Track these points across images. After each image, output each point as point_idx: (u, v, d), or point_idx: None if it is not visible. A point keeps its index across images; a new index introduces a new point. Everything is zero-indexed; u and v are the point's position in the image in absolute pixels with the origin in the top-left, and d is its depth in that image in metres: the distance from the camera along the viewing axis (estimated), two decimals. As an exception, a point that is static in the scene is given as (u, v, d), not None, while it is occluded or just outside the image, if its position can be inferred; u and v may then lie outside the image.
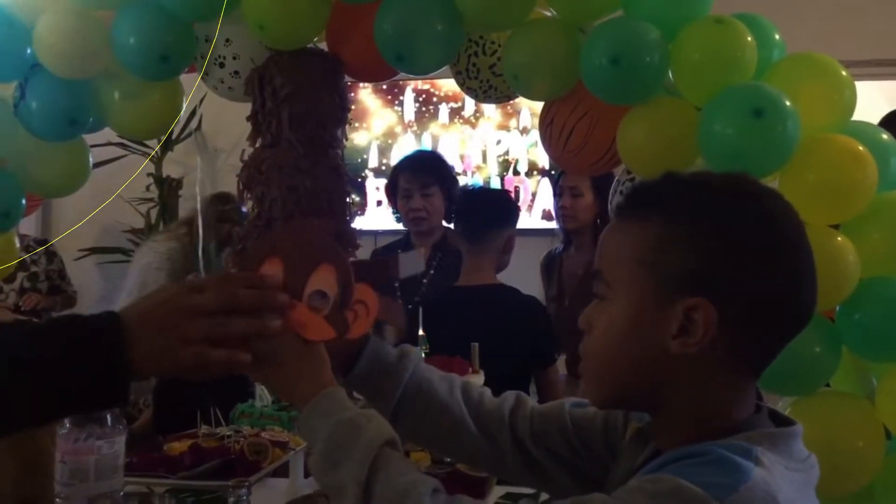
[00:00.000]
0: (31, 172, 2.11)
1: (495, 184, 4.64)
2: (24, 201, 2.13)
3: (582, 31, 1.79)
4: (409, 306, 2.73)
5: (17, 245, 2.30)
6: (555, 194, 3.14)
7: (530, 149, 4.67)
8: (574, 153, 1.84)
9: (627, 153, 1.75)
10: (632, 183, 1.79)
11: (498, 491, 1.88)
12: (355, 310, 1.04)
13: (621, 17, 1.75)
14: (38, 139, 2.06)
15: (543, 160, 4.60)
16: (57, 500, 1.34)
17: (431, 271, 2.87)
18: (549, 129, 1.87)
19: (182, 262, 3.30)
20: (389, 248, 3.07)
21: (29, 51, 1.96)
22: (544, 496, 1.88)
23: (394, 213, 3.10)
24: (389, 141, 4.84)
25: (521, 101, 4.11)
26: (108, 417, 1.37)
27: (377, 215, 4.70)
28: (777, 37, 1.75)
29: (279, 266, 1.03)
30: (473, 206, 2.61)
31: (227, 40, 2.02)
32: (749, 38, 1.64)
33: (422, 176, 2.91)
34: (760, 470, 0.78)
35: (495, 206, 2.62)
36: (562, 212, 3.03)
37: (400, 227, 3.14)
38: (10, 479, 1.48)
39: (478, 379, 2.00)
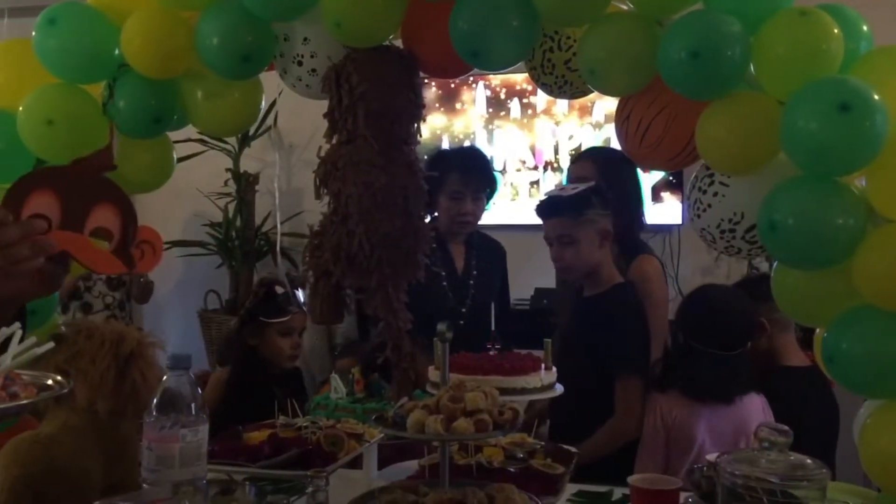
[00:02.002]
0: (119, 169, 2.19)
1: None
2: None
3: (660, 25, 1.76)
4: (462, 310, 2.75)
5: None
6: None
7: (603, 143, 4.62)
8: (651, 149, 1.82)
9: (707, 149, 1.72)
10: (710, 179, 1.76)
11: (570, 488, 1.87)
12: (142, 248, 1.13)
13: (701, 10, 1.72)
14: (125, 137, 2.13)
15: (617, 155, 4.55)
16: (144, 485, 1.38)
17: (475, 272, 2.83)
18: (626, 124, 1.85)
19: None
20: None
21: (117, 51, 2.03)
22: (617, 494, 1.87)
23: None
24: (460, 135, 4.85)
25: (595, 94, 4.06)
26: (192, 407, 1.41)
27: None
28: (864, 28, 1.70)
29: (55, 198, 1.09)
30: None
31: (305, 39, 2.05)
32: (835, 30, 1.59)
33: (476, 180, 2.81)
34: None
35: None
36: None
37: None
38: (99, 466, 1.54)
39: (550, 376, 1.99)
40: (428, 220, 2.28)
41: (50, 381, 0.90)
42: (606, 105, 4.52)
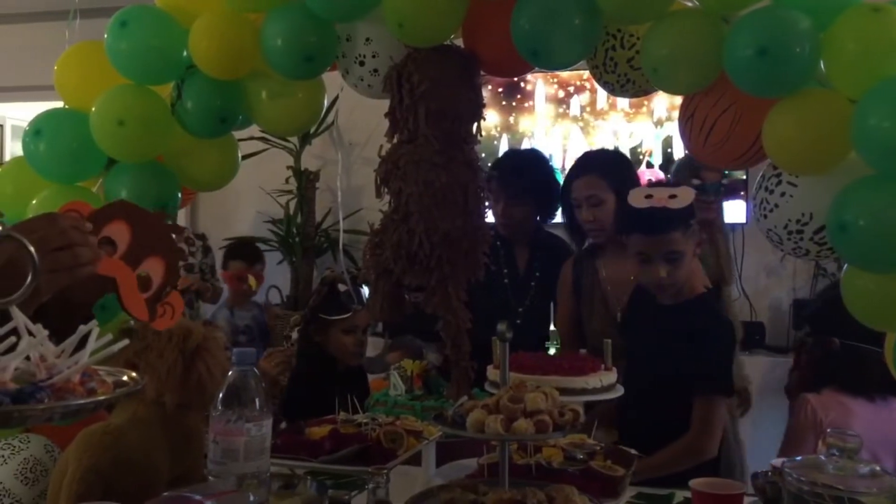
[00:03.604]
0: (186, 168, 2.25)
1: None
2: (179, 195, 2.26)
3: (726, 22, 1.73)
4: (520, 310, 2.72)
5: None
6: (565, 207, 2.70)
7: (664, 141, 4.56)
8: (715, 148, 1.79)
9: (774, 148, 1.68)
10: (778, 179, 1.72)
11: (631, 490, 1.86)
12: (164, 307, 1.24)
13: (769, 6, 1.68)
14: (191, 136, 2.18)
15: (679, 152, 4.48)
16: (210, 477, 1.41)
17: (537, 273, 2.80)
18: (690, 123, 1.82)
19: None
20: None
21: (185, 53, 2.08)
22: (678, 498, 1.85)
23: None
24: (518, 134, 4.83)
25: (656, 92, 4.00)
26: (257, 402, 1.44)
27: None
28: (940, 23, 1.64)
29: (128, 232, 1.22)
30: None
31: (367, 39, 2.07)
32: (909, 26, 1.54)
33: (509, 184, 2.75)
34: None
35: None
36: (587, 226, 2.61)
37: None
38: (166, 458, 1.58)
39: (610, 377, 1.97)
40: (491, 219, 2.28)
41: (125, 378, 0.93)
42: (666, 101, 4.46)
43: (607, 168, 2.62)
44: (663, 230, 2.14)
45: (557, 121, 4.77)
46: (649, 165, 4.60)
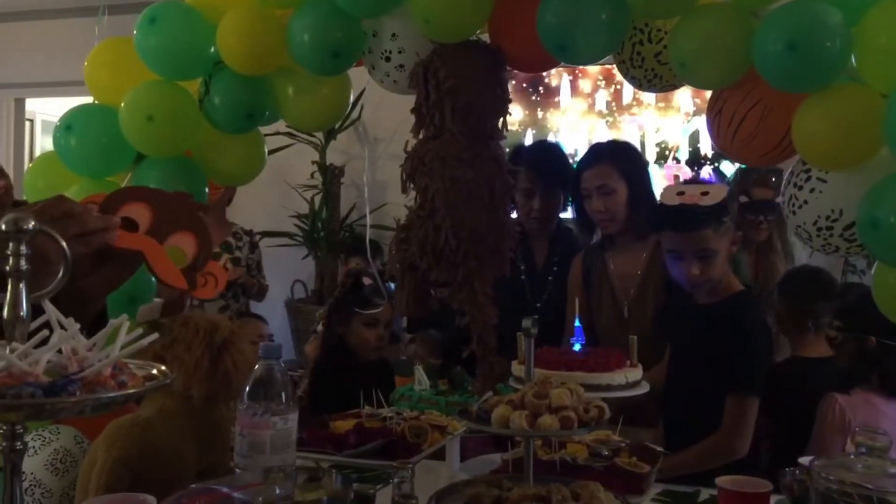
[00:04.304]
0: (213, 162, 2.26)
1: (654, 172, 4.53)
2: (207, 189, 2.28)
3: (755, 16, 1.71)
4: (538, 305, 2.71)
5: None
6: (575, 197, 2.66)
7: (691, 136, 4.53)
8: (744, 144, 1.77)
9: (804, 144, 1.67)
10: (807, 174, 1.71)
11: (656, 487, 1.85)
12: (206, 277, 1.25)
13: (798, 0, 1.66)
14: (219, 131, 2.20)
15: (706, 148, 4.45)
16: (236, 470, 1.43)
17: (555, 268, 2.79)
18: (718, 118, 1.81)
19: None
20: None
21: (213, 49, 2.10)
22: (704, 495, 1.84)
23: None
24: (543, 129, 4.82)
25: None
26: (283, 395, 1.45)
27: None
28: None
29: (149, 211, 1.22)
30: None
31: (394, 35, 2.07)
32: (944, 19, 1.52)
33: (547, 174, 2.74)
34: None
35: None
36: (597, 217, 2.57)
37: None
38: (193, 450, 1.60)
39: (636, 373, 1.97)
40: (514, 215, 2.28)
41: (154, 371, 0.94)
42: (693, 95, 4.43)
43: (618, 157, 2.59)
44: (694, 227, 2.11)
45: (583, 116, 4.75)
46: (676, 160, 4.57)
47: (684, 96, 4.49)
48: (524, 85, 4.78)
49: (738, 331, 2.14)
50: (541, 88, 4.78)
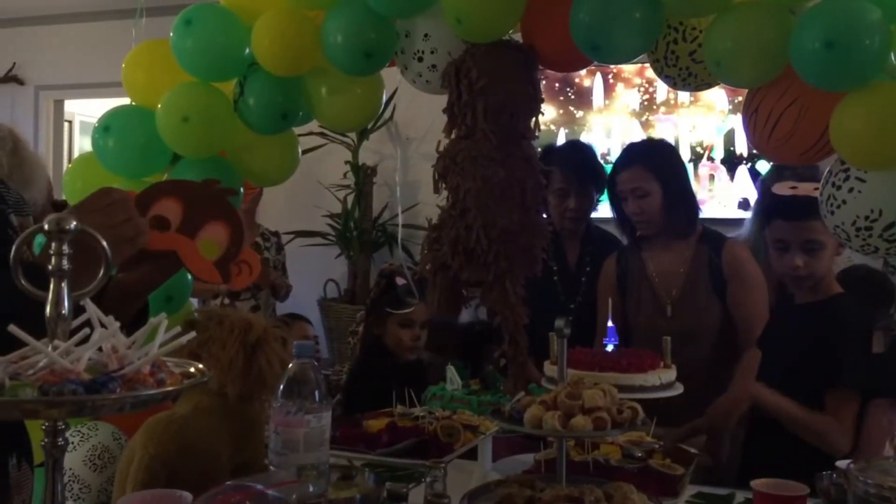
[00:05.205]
0: (248, 163, 2.29)
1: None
2: (242, 190, 2.30)
3: (792, 13, 1.69)
4: (571, 306, 2.70)
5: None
6: (613, 199, 2.65)
7: (726, 135, 4.48)
8: (781, 143, 1.75)
9: (842, 143, 1.64)
10: (845, 174, 1.68)
11: (690, 489, 1.83)
12: (240, 266, 1.27)
13: (837, -3, 1.64)
14: (253, 132, 2.22)
15: (741, 147, 4.40)
16: (270, 467, 1.44)
17: (588, 268, 2.77)
18: (754, 117, 1.79)
19: None
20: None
21: (247, 50, 2.12)
22: (739, 498, 1.82)
23: None
24: (576, 128, 4.80)
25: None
26: (317, 394, 1.46)
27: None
28: None
29: (179, 206, 1.22)
30: None
31: (426, 35, 2.08)
32: None
33: (581, 174, 2.74)
34: None
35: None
36: (634, 219, 2.58)
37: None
38: (228, 447, 1.61)
39: (669, 374, 1.95)
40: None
41: (192, 369, 0.95)
42: (728, 94, 4.38)
43: (652, 159, 2.58)
44: (804, 217, 2.09)
45: (616, 114, 4.72)
46: (710, 160, 4.52)
47: (719, 95, 4.45)
48: (556, 84, 4.76)
49: (838, 331, 2.10)
50: (573, 88, 4.76)
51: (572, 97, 4.78)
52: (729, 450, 2.45)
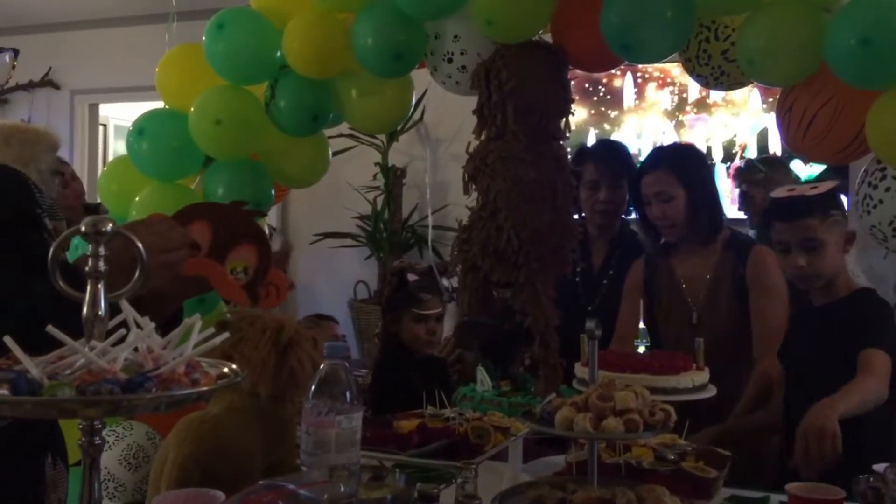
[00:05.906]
0: (279, 165, 2.31)
1: (720, 170, 4.44)
2: (273, 191, 2.32)
3: (827, 11, 1.67)
4: (589, 308, 2.68)
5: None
6: (637, 203, 2.63)
7: (759, 134, 4.43)
8: (815, 142, 1.73)
9: (878, 142, 1.62)
10: (882, 173, 1.66)
11: (724, 492, 1.81)
12: (268, 289, 1.27)
13: (872, -6, 1.62)
14: (285, 134, 2.24)
15: (776, 146, 4.35)
16: (303, 468, 1.45)
17: (611, 271, 2.74)
18: (788, 116, 1.77)
19: None
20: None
21: (278, 53, 2.14)
22: (773, 501, 1.80)
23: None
24: (607, 127, 4.77)
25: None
26: (348, 395, 1.46)
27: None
28: None
29: (208, 229, 1.25)
30: None
31: (456, 36, 2.08)
32: None
33: (613, 167, 2.71)
34: None
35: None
36: (658, 223, 2.54)
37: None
38: (260, 447, 1.63)
39: (702, 376, 1.93)
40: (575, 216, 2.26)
41: (226, 370, 0.96)
42: (762, 93, 4.33)
43: (678, 163, 2.54)
44: (799, 216, 2.08)
45: (647, 114, 4.69)
46: (743, 159, 4.47)
47: (753, 94, 4.40)
48: (586, 85, 4.74)
49: (865, 328, 2.05)
50: (604, 88, 4.74)
51: (605, 97, 4.75)
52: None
